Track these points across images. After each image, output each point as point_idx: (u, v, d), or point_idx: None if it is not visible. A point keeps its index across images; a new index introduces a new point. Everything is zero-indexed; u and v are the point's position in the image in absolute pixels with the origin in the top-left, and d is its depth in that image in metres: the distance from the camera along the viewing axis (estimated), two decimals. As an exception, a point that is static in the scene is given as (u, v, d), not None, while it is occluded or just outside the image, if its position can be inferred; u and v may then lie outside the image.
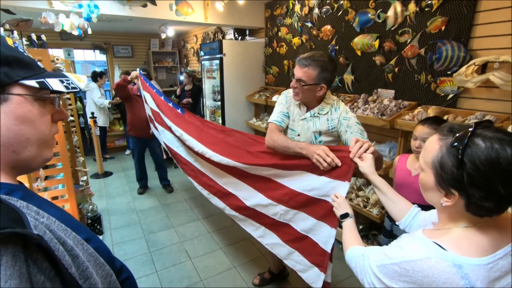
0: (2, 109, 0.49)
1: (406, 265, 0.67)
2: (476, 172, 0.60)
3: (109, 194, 4.02)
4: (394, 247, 0.75)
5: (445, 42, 2.06)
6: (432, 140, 0.71)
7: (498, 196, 0.60)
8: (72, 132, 2.82)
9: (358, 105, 2.59)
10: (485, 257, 0.63)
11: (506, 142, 0.59)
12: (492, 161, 0.59)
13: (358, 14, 2.67)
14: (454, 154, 0.64)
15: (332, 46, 3.00)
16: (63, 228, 0.50)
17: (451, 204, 0.67)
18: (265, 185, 1.60)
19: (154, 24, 5.27)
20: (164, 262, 2.59)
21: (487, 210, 0.63)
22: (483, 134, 0.62)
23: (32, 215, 0.45)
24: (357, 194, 2.61)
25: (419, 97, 2.31)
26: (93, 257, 0.54)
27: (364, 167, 1.17)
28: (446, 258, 0.63)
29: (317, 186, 1.36)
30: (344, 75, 2.93)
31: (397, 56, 2.41)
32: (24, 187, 0.55)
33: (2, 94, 0.49)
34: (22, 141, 0.52)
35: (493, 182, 0.59)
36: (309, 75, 1.45)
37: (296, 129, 1.66)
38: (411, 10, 2.24)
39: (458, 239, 0.66)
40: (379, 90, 2.62)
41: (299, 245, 1.48)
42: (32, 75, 0.53)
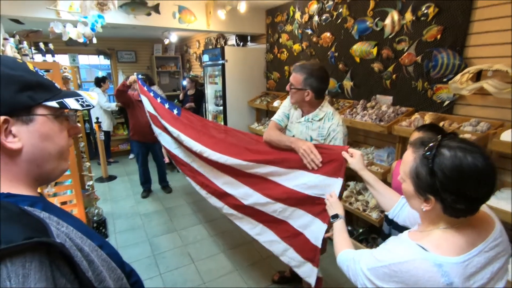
0: (28, 128, 0.54)
1: (394, 267, 0.73)
2: (445, 178, 0.68)
3: (113, 198, 4.09)
4: (383, 250, 0.81)
5: (441, 50, 2.12)
6: (408, 153, 0.80)
7: (467, 198, 0.68)
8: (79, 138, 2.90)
9: (357, 111, 2.65)
10: (462, 256, 0.70)
11: (467, 151, 0.68)
12: (456, 168, 0.67)
13: (356, 22, 2.73)
14: (426, 163, 0.72)
15: (332, 53, 3.07)
16: (79, 236, 0.55)
17: (430, 208, 0.74)
18: (262, 184, 1.67)
19: (158, 30, 5.36)
20: (168, 265, 2.65)
21: (461, 211, 0.70)
22: (448, 145, 0.70)
23: (54, 225, 0.50)
24: (357, 198, 2.66)
25: (416, 103, 2.36)
26: (106, 262, 0.59)
27: (353, 163, 1.27)
28: (428, 258, 0.70)
29: (313, 184, 1.44)
30: (344, 81, 2.99)
31: (395, 63, 2.47)
32: (44, 199, 0.61)
33: (28, 116, 0.55)
34: (45, 156, 0.58)
35: (461, 186, 0.67)
36: (297, 80, 1.59)
37: (292, 130, 1.78)
38: (408, 19, 2.30)
39: (438, 240, 0.73)
40: (378, 96, 2.67)
41: (293, 241, 1.55)
42: (52, 96, 0.59)
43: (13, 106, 0.52)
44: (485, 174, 0.67)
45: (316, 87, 1.58)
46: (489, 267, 0.73)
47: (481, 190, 0.67)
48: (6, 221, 0.43)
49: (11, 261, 0.40)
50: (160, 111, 2.58)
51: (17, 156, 0.54)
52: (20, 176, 0.56)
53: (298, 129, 1.73)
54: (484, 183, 0.67)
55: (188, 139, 2.14)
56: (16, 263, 0.40)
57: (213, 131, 2.16)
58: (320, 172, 1.41)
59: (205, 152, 1.93)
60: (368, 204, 2.55)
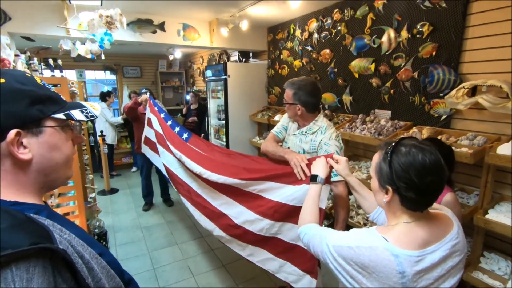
0: (37, 140, 0.57)
1: (358, 250, 0.83)
2: (400, 169, 0.81)
3: (115, 211, 4.10)
4: (352, 234, 0.90)
5: (437, 66, 2.18)
6: (376, 155, 0.93)
7: (415, 186, 0.80)
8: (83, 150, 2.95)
9: (357, 125, 2.69)
10: (417, 251, 0.81)
11: (419, 148, 0.82)
12: (409, 161, 0.81)
13: (354, 40, 2.82)
14: (386, 159, 0.85)
15: (331, 69, 3.15)
16: (81, 243, 0.57)
17: (389, 199, 0.86)
18: (255, 202, 1.69)
19: (163, 47, 5.53)
20: (168, 279, 2.63)
21: (413, 201, 0.82)
22: (405, 144, 0.85)
23: (57, 232, 0.53)
24: (357, 212, 2.66)
25: (414, 117, 2.40)
26: (105, 269, 0.60)
27: (339, 169, 1.31)
28: (388, 248, 0.81)
29: (298, 195, 1.46)
30: (343, 96, 3.05)
31: (392, 78, 2.53)
32: (48, 207, 0.63)
33: (38, 128, 0.58)
34: (52, 165, 0.61)
35: (410, 175, 0.80)
36: (287, 95, 1.71)
37: (288, 142, 1.84)
38: (404, 36, 2.38)
39: (399, 235, 0.84)
40: (376, 110, 2.72)
41: (289, 255, 1.54)
42: (59, 108, 0.62)
43: (24, 119, 0.55)
44: (430, 167, 0.80)
45: (305, 101, 1.64)
46: (442, 264, 0.83)
47: (426, 179, 0.79)
48: (13, 228, 0.45)
49: (17, 265, 0.42)
50: (167, 132, 2.63)
51: (27, 166, 0.57)
52: (27, 185, 0.58)
53: (293, 141, 1.79)
54: (429, 175, 0.79)
55: (189, 161, 2.17)
56: (21, 267, 0.42)
57: (217, 154, 2.19)
58: (305, 182, 1.43)
59: (205, 173, 1.96)
60: (369, 218, 2.54)
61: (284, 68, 3.94)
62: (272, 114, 4.01)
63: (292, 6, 2.86)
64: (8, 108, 0.53)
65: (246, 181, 1.72)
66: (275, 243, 1.60)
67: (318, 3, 3.08)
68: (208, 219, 2.06)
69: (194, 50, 6.22)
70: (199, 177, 2.10)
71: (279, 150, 1.68)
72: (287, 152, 1.60)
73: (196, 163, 2.09)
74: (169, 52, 5.97)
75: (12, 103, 0.54)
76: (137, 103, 3.42)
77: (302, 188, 1.44)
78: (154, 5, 3.12)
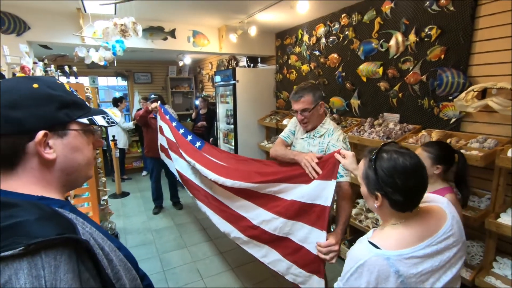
0: (62, 141, 0.62)
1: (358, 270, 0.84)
2: (384, 175, 0.86)
3: (126, 213, 4.18)
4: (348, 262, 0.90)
5: (445, 69, 2.17)
6: (361, 162, 0.96)
7: (400, 189, 0.84)
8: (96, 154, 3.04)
9: (365, 129, 2.69)
10: (406, 249, 0.83)
11: (400, 153, 0.86)
12: (392, 166, 0.85)
13: (362, 44, 2.84)
14: (371, 166, 0.89)
15: (339, 73, 3.16)
16: (101, 236, 0.61)
17: (380, 204, 0.89)
18: (272, 202, 1.71)
19: (173, 53, 5.65)
20: (177, 281, 2.66)
21: (401, 203, 0.86)
22: (386, 150, 0.89)
23: (80, 225, 0.56)
24: (367, 215, 2.65)
25: (423, 121, 2.39)
26: (123, 262, 0.64)
27: (346, 164, 1.33)
28: (378, 254, 0.83)
29: (308, 191, 1.48)
30: (351, 100, 3.06)
31: (401, 82, 2.53)
32: (69, 203, 0.68)
33: (63, 130, 0.63)
34: (74, 165, 0.66)
35: (394, 180, 0.84)
36: (308, 101, 1.66)
37: (296, 146, 1.86)
38: (412, 40, 2.38)
39: (386, 238, 0.87)
40: (385, 114, 2.72)
41: (295, 257, 1.55)
42: (84, 114, 0.67)
43: (52, 121, 0.60)
44: (412, 170, 0.84)
45: (321, 96, 1.73)
46: (439, 256, 0.86)
47: (409, 182, 0.84)
48: (42, 219, 0.49)
49: (46, 253, 0.46)
50: (180, 141, 2.69)
51: (51, 166, 0.62)
52: (52, 182, 0.63)
53: (301, 145, 1.81)
54: (411, 176, 0.84)
55: (203, 168, 2.22)
56: (50, 255, 0.46)
57: (230, 161, 2.24)
58: (316, 179, 1.46)
59: (219, 180, 2.02)
60: (378, 222, 2.53)
61: (292, 73, 3.97)
62: (280, 118, 4.04)
63: (300, 12, 2.91)
64: (38, 111, 0.58)
65: (260, 184, 1.76)
66: (286, 244, 1.61)
67: (326, 8, 3.11)
68: (227, 221, 2.09)
69: (203, 56, 6.33)
70: (214, 183, 2.14)
71: (288, 153, 1.71)
72: (296, 154, 1.63)
73: (210, 170, 2.14)
74: (179, 58, 6.09)
75: (42, 107, 0.59)
76: (148, 111, 3.52)
77: (313, 184, 1.47)
78: (166, 13, 3.21)
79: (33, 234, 0.45)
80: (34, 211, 0.50)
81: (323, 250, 1.36)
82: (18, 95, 0.57)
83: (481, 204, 1.97)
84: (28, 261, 0.44)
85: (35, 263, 0.44)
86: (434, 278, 0.85)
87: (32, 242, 0.44)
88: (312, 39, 3.50)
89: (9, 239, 0.44)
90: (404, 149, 0.88)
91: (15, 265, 0.43)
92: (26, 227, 0.46)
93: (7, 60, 2.15)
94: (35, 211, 0.50)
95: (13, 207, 0.49)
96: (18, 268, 0.43)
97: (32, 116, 0.57)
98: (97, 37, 3.03)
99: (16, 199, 0.52)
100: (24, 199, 0.54)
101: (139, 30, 2.48)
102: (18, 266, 0.43)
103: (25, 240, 0.44)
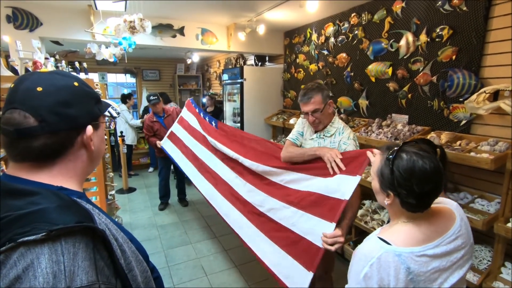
0: (96, 133, 0.67)
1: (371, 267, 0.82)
2: (400, 177, 0.82)
3: (132, 209, 4.23)
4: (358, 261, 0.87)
5: (456, 70, 2.14)
6: (377, 157, 0.94)
7: (415, 194, 0.81)
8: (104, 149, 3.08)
9: (372, 129, 2.67)
10: (418, 247, 0.82)
11: (420, 156, 0.82)
12: (410, 168, 0.81)
13: (372, 44, 2.81)
14: (388, 164, 0.85)
15: (348, 73, 3.14)
16: (115, 228, 0.63)
17: (390, 202, 0.87)
18: (281, 191, 1.73)
19: (181, 51, 5.68)
20: (182, 276, 2.68)
21: (413, 205, 0.84)
22: (406, 150, 0.84)
23: (96, 215, 0.58)
24: (372, 217, 2.62)
25: (432, 122, 2.36)
26: (135, 254, 0.65)
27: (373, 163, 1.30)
28: (389, 250, 0.81)
29: (326, 184, 1.48)
30: (359, 100, 3.03)
31: (410, 83, 2.50)
32: (85, 195, 0.70)
33: (97, 123, 0.68)
34: (100, 154, 0.72)
35: (411, 183, 0.81)
36: (318, 101, 1.65)
37: (306, 147, 1.83)
38: (422, 40, 2.35)
39: (398, 234, 0.86)
40: (393, 115, 2.69)
41: (292, 248, 1.55)
42: (104, 107, 0.72)
43: (93, 116, 0.66)
44: (430, 175, 0.80)
45: (329, 95, 1.73)
46: (447, 257, 0.85)
47: (426, 187, 0.81)
48: (62, 207, 0.52)
49: (65, 239, 0.48)
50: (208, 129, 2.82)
51: (89, 156, 0.67)
52: (80, 173, 0.67)
53: (311, 145, 1.78)
54: (429, 181, 0.80)
55: (224, 147, 2.40)
56: (69, 242, 0.48)
57: (245, 140, 2.35)
58: (340, 172, 1.46)
59: (239, 158, 2.16)
60: (384, 224, 2.50)
61: (300, 72, 3.96)
62: (287, 118, 4.03)
63: (309, 10, 2.89)
64: (86, 107, 0.64)
65: (277, 169, 1.78)
66: (286, 235, 1.61)
67: (335, 7, 3.09)
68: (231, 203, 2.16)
69: (211, 54, 6.35)
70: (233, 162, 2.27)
71: (307, 150, 1.68)
72: (317, 149, 1.60)
73: (230, 148, 2.30)
74: (187, 56, 6.13)
75: (87, 103, 0.64)
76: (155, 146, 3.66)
77: (334, 178, 1.46)
78: (175, 10, 3.23)
79: (54, 221, 0.48)
80: (55, 199, 0.52)
81: (329, 241, 1.35)
82: (68, 93, 0.61)
83: (490, 208, 1.94)
84: (49, 246, 0.46)
85: (55, 248, 0.47)
86: (441, 279, 0.85)
87: (54, 229, 0.46)
88: (321, 38, 3.48)
89: (31, 224, 0.46)
90: (425, 152, 0.84)
91: (37, 249, 0.45)
92: (47, 214, 0.49)
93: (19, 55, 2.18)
94: (55, 199, 0.52)
95: (35, 195, 0.52)
96: (40, 252, 0.45)
97: (83, 113, 0.62)
98: (107, 34, 3.07)
99: (37, 188, 0.54)
100: (45, 188, 0.56)
101: (147, 27, 2.50)
102: (39, 251, 0.45)
103: (47, 227, 0.46)
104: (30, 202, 0.50)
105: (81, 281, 0.47)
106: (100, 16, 2.96)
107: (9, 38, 2.71)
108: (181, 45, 3.68)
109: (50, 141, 0.58)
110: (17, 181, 0.57)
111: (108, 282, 0.52)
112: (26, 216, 0.47)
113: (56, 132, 0.58)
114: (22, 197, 0.51)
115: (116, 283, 0.54)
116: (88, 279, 0.48)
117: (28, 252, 0.45)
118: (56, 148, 0.59)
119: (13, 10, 2.83)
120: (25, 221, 0.46)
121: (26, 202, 0.49)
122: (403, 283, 0.81)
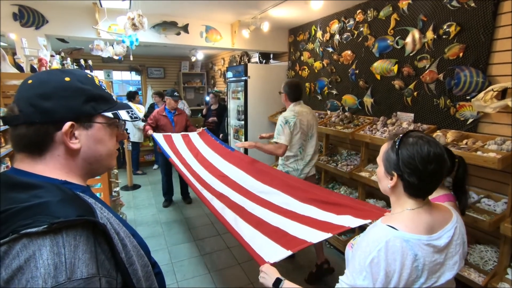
0: (87, 133, 0.64)
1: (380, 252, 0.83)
2: (406, 156, 0.87)
3: (136, 205, 4.26)
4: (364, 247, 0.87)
5: (464, 68, 2.10)
6: (384, 145, 0.99)
7: (418, 172, 0.85)
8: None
9: (377, 127, 2.64)
10: (425, 236, 0.86)
11: (425, 139, 0.88)
12: (415, 149, 0.86)
13: (377, 41, 2.78)
14: (394, 147, 0.90)
15: (352, 70, 3.11)
16: (117, 222, 0.63)
17: (394, 183, 0.91)
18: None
19: (186, 49, 5.69)
20: (185, 273, 2.70)
21: (415, 187, 0.88)
22: (412, 135, 0.90)
23: (98, 209, 0.59)
24: (376, 216, 2.61)
25: (438, 121, 2.33)
26: (136, 248, 0.66)
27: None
28: (398, 236, 0.84)
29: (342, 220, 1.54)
30: (364, 98, 3.01)
31: (416, 80, 2.47)
32: (89, 189, 0.70)
33: (89, 122, 0.64)
34: (96, 156, 0.68)
35: (415, 162, 0.86)
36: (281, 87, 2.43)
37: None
38: (429, 37, 2.31)
39: (406, 220, 0.89)
40: (398, 113, 2.66)
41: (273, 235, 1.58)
42: (109, 108, 0.69)
43: (79, 113, 0.63)
44: (434, 158, 0.85)
45: (286, 91, 2.49)
46: (445, 251, 0.89)
47: (430, 167, 0.85)
48: (64, 201, 0.53)
49: (67, 232, 0.49)
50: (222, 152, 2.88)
51: (76, 154, 0.65)
52: (75, 169, 0.66)
53: None
54: (432, 161, 0.85)
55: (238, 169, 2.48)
56: (70, 235, 0.49)
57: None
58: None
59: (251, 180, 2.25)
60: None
61: (305, 70, 3.93)
62: (291, 116, 4.00)
63: (314, 8, 2.86)
64: (68, 103, 0.61)
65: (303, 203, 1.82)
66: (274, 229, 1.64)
67: (340, 4, 3.06)
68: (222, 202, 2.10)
69: (216, 51, 6.34)
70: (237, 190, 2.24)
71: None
72: None
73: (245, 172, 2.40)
74: (191, 53, 6.13)
75: (71, 99, 0.62)
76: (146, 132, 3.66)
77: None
78: (179, 8, 3.22)
79: (56, 214, 0.49)
80: (57, 193, 0.53)
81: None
82: (50, 87, 0.61)
83: (497, 208, 1.91)
84: (51, 238, 0.47)
85: (56, 241, 0.48)
86: (439, 273, 0.87)
87: (55, 222, 0.47)
88: (326, 35, 3.45)
89: (34, 217, 0.47)
90: (431, 137, 0.89)
91: (39, 241, 0.47)
92: (49, 207, 0.50)
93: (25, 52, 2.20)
94: (58, 193, 0.54)
95: (39, 188, 0.53)
96: (42, 244, 0.47)
97: (61, 107, 0.60)
98: (112, 31, 3.08)
99: (41, 181, 0.56)
100: (49, 182, 0.57)
101: (144, 23, 2.49)
102: (41, 243, 0.47)
103: (49, 219, 0.47)
104: (34, 195, 0.51)
105: (81, 273, 0.48)
106: (105, 13, 2.98)
107: (15, 35, 2.73)
108: (186, 43, 3.67)
109: (28, 132, 0.58)
110: (22, 174, 0.59)
111: (109, 275, 0.53)
112: (29, 208, 0.48)
113: (31, 124, 0.58)
114: (26, 190, 0.52)
115: (116, 277, 0.55)
116: (89, 271, 0.49)
117: (31, 244, 0.46)
118: (36, 140, 0.59)
119: (20, 8, 2.86)
120: (29, 213, 0.48)
121: (30, 195, 0.51)
122: (408, 269, 0.82)
